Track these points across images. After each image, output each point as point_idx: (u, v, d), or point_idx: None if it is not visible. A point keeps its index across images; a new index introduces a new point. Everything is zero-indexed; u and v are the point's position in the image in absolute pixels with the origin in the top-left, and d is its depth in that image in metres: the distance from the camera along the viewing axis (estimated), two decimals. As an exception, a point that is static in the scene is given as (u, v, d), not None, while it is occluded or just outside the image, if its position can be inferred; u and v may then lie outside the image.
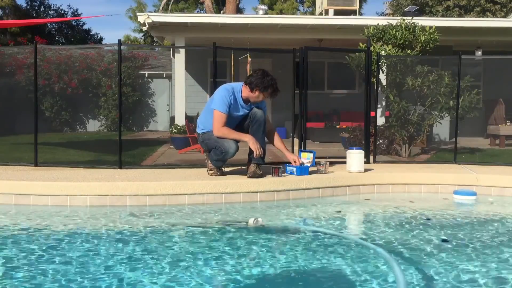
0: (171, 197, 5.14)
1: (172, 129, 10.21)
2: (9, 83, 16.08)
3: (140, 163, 7.39)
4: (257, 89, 5.40)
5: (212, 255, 3.55)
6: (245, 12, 29.93)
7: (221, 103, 5.37)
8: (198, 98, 14.15)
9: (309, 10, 30.66)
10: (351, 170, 6.09)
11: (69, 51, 17.86)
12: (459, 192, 5.75)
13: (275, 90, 5.48)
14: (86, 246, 3.77)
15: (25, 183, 5.18)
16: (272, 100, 6.26)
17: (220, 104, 5.37)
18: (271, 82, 5.41)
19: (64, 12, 31.04)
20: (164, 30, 11.58)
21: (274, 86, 5.45)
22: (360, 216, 5.31)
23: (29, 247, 3.75)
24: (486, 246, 3.86)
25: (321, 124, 12.30)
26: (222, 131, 5.39)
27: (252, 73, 5.57)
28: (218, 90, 5.51)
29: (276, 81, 5.49)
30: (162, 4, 22.89)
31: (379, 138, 8.33)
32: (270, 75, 5.47)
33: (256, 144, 5.42)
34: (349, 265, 3.33)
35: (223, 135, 5.40)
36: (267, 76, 5.42)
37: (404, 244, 3.86)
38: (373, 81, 7.58)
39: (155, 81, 18.57)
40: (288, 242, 3.99)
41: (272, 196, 5.40)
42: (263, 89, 5.40)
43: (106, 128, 17.64)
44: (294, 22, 11.80)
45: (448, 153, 8.70)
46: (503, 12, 22.88)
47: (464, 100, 7.97)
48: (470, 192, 5.72)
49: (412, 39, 8.60)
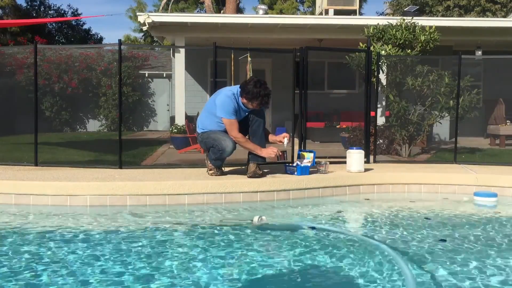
0: (171, 197, 5.14)
1: (172, 129, 10.21)
2: (9, 83, 16.07)
3: (140, 163, 7.39)
4: (244, 97, 5.40)
5: (213, 255, 3.55)
6: (245, 12, 29.91)
7: (227, 111, 5.39)
8: (198, 98, 14.13)
9: (309, 10, 30.66)
10: (351, 170, 6.09)
11: (69, 51, 17.86)
12: (479, 194, 5.65)
13: (262, 103, 5.42)
14: (86, 246, 3.78)
15: (25, 183, 5.18)
16: (272, 100, 6.25)
17: (226, 112, 5.39)
18: (259, 94, 5.32)
19: (64, 12, 31.00)
20: (164, 30, 11.58)
21: (262, 99, 5.35)
22: (360, 216, 5.31)
23: (26, 246, 3.76)
24: (486, 246, 3.86)
25: (321, 124, 12.30)
26: (239, 139, 5.45)
27: (248, 80, 5.55)
28: (221, 99, 5.45)
29: (267, 93, 5.37)
30: (162, 4, 22.88)
31: (379, 138, 8.33)
32: (263, 86, 5.35)
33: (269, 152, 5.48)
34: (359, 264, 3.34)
35: (239, 143, 5.49)
36: (257, 87, 5.31)
37: (404, 244, 3.86)
38: (373, 81, 7.58)
39: (155, 81, 18.57)
40: (294, 240, 3.99)
41: (272, 196, 5.40)
42: (250, 99, 5.38)
43: (106, 128, 17.63)
44: (294, 22, 11.79)
45: (448, 153, 8.70)
46: (503, 12, 22.87)
47: (464, 100, 7.97)
48: (491, 194, 5.62)
49: (412, 39, 8.60)
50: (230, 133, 5.46)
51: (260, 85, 5.33)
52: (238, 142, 5.48)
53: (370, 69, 7.44)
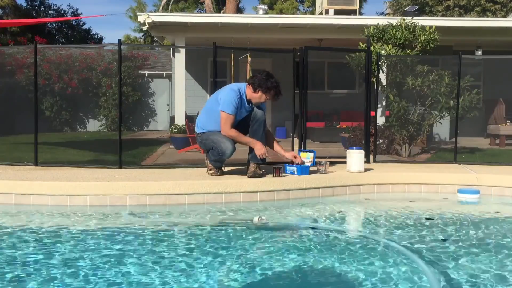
0: (171, 197, 5.13)
1: (172, 129, 10.21)
2: (9, 83, 16.06)
3: (140, 163, 7.39)
4: (260, 90, 5.40)
5: (213, 255, 3.55)
6: (245, 12, 29.92)
7: (229, 104, 5.35)
8: (198, 98, 14.13)
9: (309, 10, 30.66)
10: (351, 170, 6.09)
11: (69, 50, 17.85)
12: (463, 191, 5.73)
13: (278, 93, 5.50)
14: (86, 245, 3.78)
15: (25, 183, 5.17)
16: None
17: (228, 105, 5.35)
18: (274, 84, 5.43)
19: (64, 12, 30.99)
20: (164, 29, 11.58)
21: (277, 89, 5.47)
22: (360, 216, 5.31)
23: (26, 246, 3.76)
24: (486, 246, 3.86)
25: (321, 124, 12.30)
26: (231, 133, 5.41)
27: (256, 74, 5.57)
28: (226, 92, 5.45)
29: (279, 85, 5.50)
30: (162, 4, 22.90)
31: (379, 138, 8.33)
32: (275, 78, 5.49)
33: (262, 149, 5.45)
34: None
35: (231, 138, 5.43)
36: (271, 78, 5.44)
37: (404, 244, 3.86)
38: (373, 81, 7.58)
39: (155, 81, 18.57)
40: (294, 240, 3.99)
41: (272, 196, 5.40)
42: (266, 90, 5.40)
43: (106, 127, 17.63)
44: (294, 22, 11.80)
45: (448, 153, 8.70)
46: (503, 12, 22.87)
47: (464, 100, 7.97)
48: (474, 191, 5.71)
49: (412, 38, 8.60)
50: (222, 128, 5.38)
51: (272, 76, 5.49)
52: (231, 137, 5.42)
53: (370, 69, 7.44)
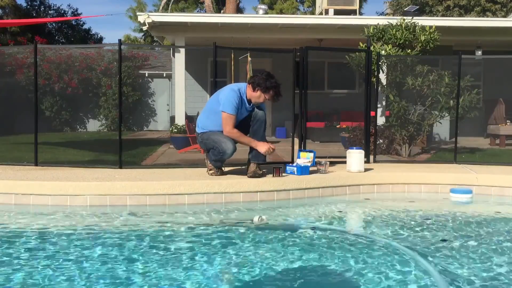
0: (171, 197, 5.13)
1: (172, 128, 10.21)
2: (9, 82, 16.06)
3: (140, 163, 7.39)
4: (259, 89, 5.40)
5: (213, 255, 3.55)
6: (245, 12, 29.91)
7: (229, 105, 5.36)
8: (198, 98, 14.13)
9: (309, 10, 30.65)
10: (351, 170, 6.09)
11: (69, 50, 17.86)
12: (455, 191, 5.74)
13: (277, 94, 5.49)
14: (86, 245, 3.78)
15: (25, 183, 5.17)
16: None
17: (228, 105, 5.36)
18: (274, 84, 5.43)
19: (64, 12, 30.99)
20: (164, 29, 11.58)
21: (276, 89, 5.47)
22: (360, 216, 5.31)
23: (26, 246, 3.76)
24: (486, 246, 3.86)
25: (321, 124, 12.29)
26: (233, 134, 5.42)
27: (257, 74, 5.58)
28: (226, 92, 5.46)
29: (279, 86, 5.49)
30: (162, 4, 22.89)
31: (379, 138, 8.33)
32: (275, 78, 5.49)
33: (265, 145, 5.45)
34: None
35: (233, 138, 5.44)
36: (271, 78, 5.44)
37: (404, 244, 3.86)
38: (373, 80, 7.58)
39: (155, 81, 18.57)
40: (294, 240, 3.99)
41: (272, 196, 5.40)
42: (265, 90, 5.40)
43: (106, 127, 17.64)
44: (294, 22, 11.79)
45: (448, 153, 8.70)
46: (503, 12, 22.87)
47: (464, 100, 7.97)
48: (466, 190, 5.72)
49: (412, 38, 8.60)
50: (224, 128, 5.40)
51: (272, 76, 5.48)
52: (232, 137, 5.43)
53: (370, 69, 7.44)
